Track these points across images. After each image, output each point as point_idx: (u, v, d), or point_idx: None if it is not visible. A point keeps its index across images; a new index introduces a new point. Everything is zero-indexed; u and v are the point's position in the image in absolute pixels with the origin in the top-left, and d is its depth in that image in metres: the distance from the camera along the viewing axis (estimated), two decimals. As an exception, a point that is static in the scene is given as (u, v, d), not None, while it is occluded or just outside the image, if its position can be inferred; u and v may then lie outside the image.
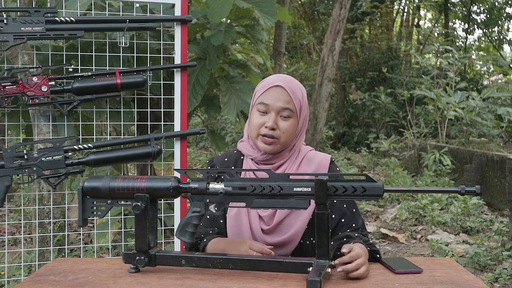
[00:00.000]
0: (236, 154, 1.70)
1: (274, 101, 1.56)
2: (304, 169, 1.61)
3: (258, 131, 1.57)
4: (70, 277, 1.38)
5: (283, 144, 1.58)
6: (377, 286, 1.29)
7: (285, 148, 1.61)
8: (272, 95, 1.57)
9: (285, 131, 1.56)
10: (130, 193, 1.39)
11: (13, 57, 2.24)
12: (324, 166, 1.62)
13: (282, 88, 1.56)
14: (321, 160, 1.64)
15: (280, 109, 1.56)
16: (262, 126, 1.56)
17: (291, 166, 1.61)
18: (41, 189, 2.30)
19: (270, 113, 1.56)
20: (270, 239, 1.55)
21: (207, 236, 1.59)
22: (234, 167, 1.66)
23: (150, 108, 2.44)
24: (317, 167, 1.62)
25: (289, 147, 1.62)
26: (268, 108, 1.56)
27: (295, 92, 1.58)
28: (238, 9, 2.96)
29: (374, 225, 4.88)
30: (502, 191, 5.24)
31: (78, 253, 3.46)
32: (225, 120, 11.14)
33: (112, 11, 2.57)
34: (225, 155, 1.71)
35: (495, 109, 7.65)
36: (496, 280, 3.33)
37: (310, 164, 1.62)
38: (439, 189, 1.42)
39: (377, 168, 8.36)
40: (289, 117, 1.57)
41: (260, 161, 1.63)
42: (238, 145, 1.70)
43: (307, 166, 1.62)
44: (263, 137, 1.56)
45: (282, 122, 1.56)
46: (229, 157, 1.70)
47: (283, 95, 1.56)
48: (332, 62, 7.99)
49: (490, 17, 15.07)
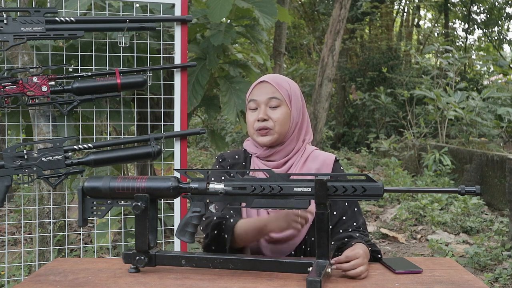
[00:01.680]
0: (244, 152, 1.73)
1: (261, 95, 1.62)
2: (309, 166, 1.63)
3: (253, 128, 1.62)
4: (70, 277, 1.38)
5: (279, 133, 1.61)
6: (377, 286, 1.29)
7: (284, 140, 1.63)
8: (258, 91, 1.63)
9: (277, 119, 1.60)
10: (130, 193, 1.39)
11: (13, 57, 2.24)
12: (328, 165, 1.64)
13: (267, 83, 1.63)
14: (325, 159, 1.66)
15: (267, 101, 1.61)
16: (255, 122, 1.61)
17: (296, 163, 1.63)
18: (41, 189, 2.30)
19: (260, 107, 1.62)
20: (275, 235, 1.56)
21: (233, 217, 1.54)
22: (244, 164, 1.69)
23: (150, 108, 2.44)
24: (321, 165, 1.63)
25: (291, 139, 1.64)
26: (257, 103, 1.62)
27: (280, 83, 1.63)
28: (238, 9, 2.96)
29: (374, 225, 4.88)
30: (502, 191, 5.24)
31: (78, 253, 3.46)
32: (225, 120, 11.14)
33: (112, 11, 2.57)
34: (235, 152, 1.74)
35: (495, 109, 7.65)
36: (496, 280, 3.33)
37: (315, 161, 1.64)
38: (439, 189, 1.42)
39: (377, 168, 8.36)
40: (278, 106, 1.61)
41: (265, 158, 1.65)
42: (244, 144, 1.74)
43: (312, 163, 1.63)
44: (259, 131, 1.61)
45: (272, 112, 1.61)
46: (239, 155, 1.72)
47: (268, 88, 1.63)
48: (332, 62, 7.99)
49: (490, 17, 15.08)
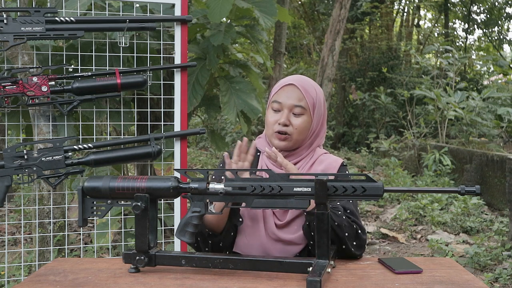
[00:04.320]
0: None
1: (287, 99, 1.61)
2: (315, 169, 1.63)
3: (272, 129, 1.62)
4: (70, 277, 1.38)
5: (296, 140, 1.61)
6: (377, 286, 1.29)
7: (299, 146, 1.64)
8: (285, 94, 1.62)
9: (298, 127, 1.60)
10: (130, 193, 1.39)
11: (13, 57, 2.24)
12: (335, 168, 1.64)
13: (295, 87, 1.61)
14: (331, 162, 1.65)
15: (292, 107, 1.60)
16: (276, 123, 1.61)
17: (304, 165, 1.64)
18: (41, 189, 2.30)
19: (283, 111, 1.61)
20: (282, 235, 1.56)
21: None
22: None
23: (150, 108, 2.44)
24: (327, 167, 1.63)
25: (305, 145, 1.65)
26: (281, 106, 1.61)
27: (308, 90, 1.62)
28: (238, 9, 2.96)
29: (374, 225, 4.88)
30: (502, 191, 5.24)
31: (78, 253, 3.46)
32: (225, 120, 11.14)
33: (112, 11, 2.57)
34: None
35: (495, 109, 7.65)
36: (496, 280, 3.33)
37: (321, 165, 1.64)
38: (439, 189, 1.42)
39: (377, 168, 8.36)
40: (301, 114, 1.60)
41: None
42: (256, 140, 1.73)
43: (318, 166, 1.64)
44: (277, 134, 1.61)
45: (294, 119, 1.60)
46: None
47: (295, 93, 1.61)
48: (332, 62, 7.99)
49: (490, 17, 15.08)
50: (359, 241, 1.53)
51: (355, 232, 1.52)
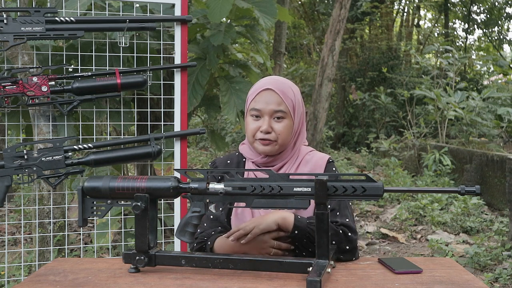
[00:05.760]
0: (238, 156, 1.71)
1: (266, 105, 1.57)
2: (302, 170, 1.62)
3: (254, 136, 1.59)
4: (70, 277, 1.38)
5: (282, 144, 1.59)
6: (377, 286, 1.29)
7: (285, 149, 1.62)
8: (263, 99, 1.58)
9: (281, 132, 1.57)
10: (130, 193, 1.39)
11: (13, 57, 2.24)
12: (321, 166, 1.62)
13: (272, 91, 1.57)
14: (317, 160, 1.64)
15: (272, 112, 1.57)
16: (257, 131, 1.58)
17: (290, 167, 1.62)
18: (41, 189, 2.30)
19: (264, 117, 1.58)
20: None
21: (210, 237, 1.59)
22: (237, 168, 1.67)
23: (150, 108, 2.44)
24: (313, 167, 1.62)
25: (289, 147, 1.64)
26: (261, 112, 1.58)
27: (286, 92, 1.58)
28: (238, 9, 2.96)
29: (374, 225, 4.88)
30: (502, 191, 5.24)
31: (78, 253, 3.46)
32: (225, 120, 11.15)
33: (112, 11, 2.57)
34: (227, 157, 1.72)
35: (495, 109, 7.65)
36: (496, 280, 3.33)
37: (307, 165, 1.63)
38: (439, 189, 1.42)
39: (377, 168, 8.36)
40: (283, 118, 1.58)
41: (261, 164, 1.64)
42: (240, 147, 1.71)
43: (304, 167, 1.62)
44: (260, 140, 1.58)
45: (276, 124, 1.58)
46: (231, 159, 1.70)
47: (273, 98, 1.57)
48: (332, 62, 7.99)
49: (490, 17, 15.07)
50: (350, 244, 1.50)
51: (343, 236, 1.50)
